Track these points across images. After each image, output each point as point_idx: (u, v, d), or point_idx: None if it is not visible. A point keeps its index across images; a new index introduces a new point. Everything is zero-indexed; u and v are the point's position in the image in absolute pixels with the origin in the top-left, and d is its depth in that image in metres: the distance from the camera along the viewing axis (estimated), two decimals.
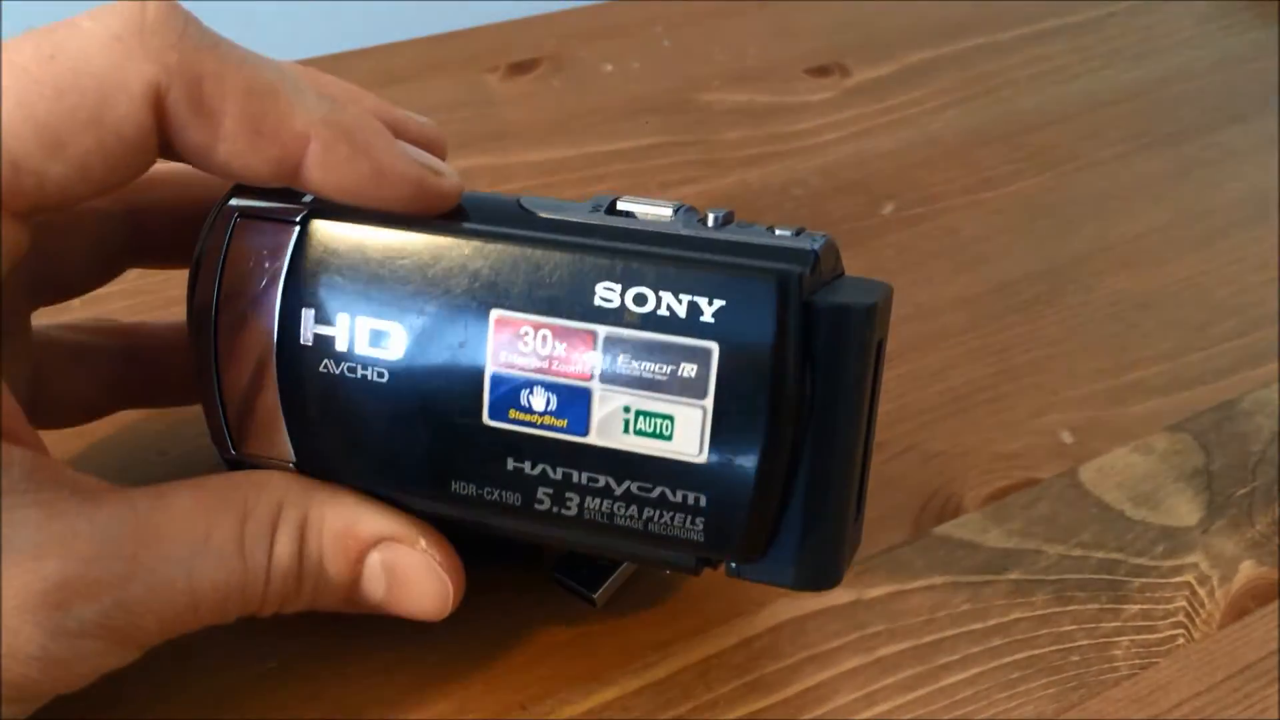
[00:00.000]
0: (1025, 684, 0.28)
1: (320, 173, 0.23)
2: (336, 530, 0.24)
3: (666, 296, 0.22)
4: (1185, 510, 0.32)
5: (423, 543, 0.25)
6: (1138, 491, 0.32)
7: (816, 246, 0.23)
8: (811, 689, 0.27)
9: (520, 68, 0.50)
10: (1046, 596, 0.30)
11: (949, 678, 0.28)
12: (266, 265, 0.24)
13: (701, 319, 0.22)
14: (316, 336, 0.24)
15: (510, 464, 0.24)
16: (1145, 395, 0.36)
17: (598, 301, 0.23)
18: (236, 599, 0.23)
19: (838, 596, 0.29)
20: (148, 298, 0.35)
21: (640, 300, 0.23)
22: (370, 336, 0.24)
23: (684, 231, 0.24)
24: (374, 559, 0.25)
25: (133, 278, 0.30)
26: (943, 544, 0.31)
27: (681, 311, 0.22)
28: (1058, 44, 0.53)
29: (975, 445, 0.34)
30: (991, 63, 0.51)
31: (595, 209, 0.24)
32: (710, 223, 0.24)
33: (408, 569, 0.25)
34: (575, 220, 0.24)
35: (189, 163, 0.23)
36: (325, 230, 0.24)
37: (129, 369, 0.29)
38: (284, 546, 0.24)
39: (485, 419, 0.24)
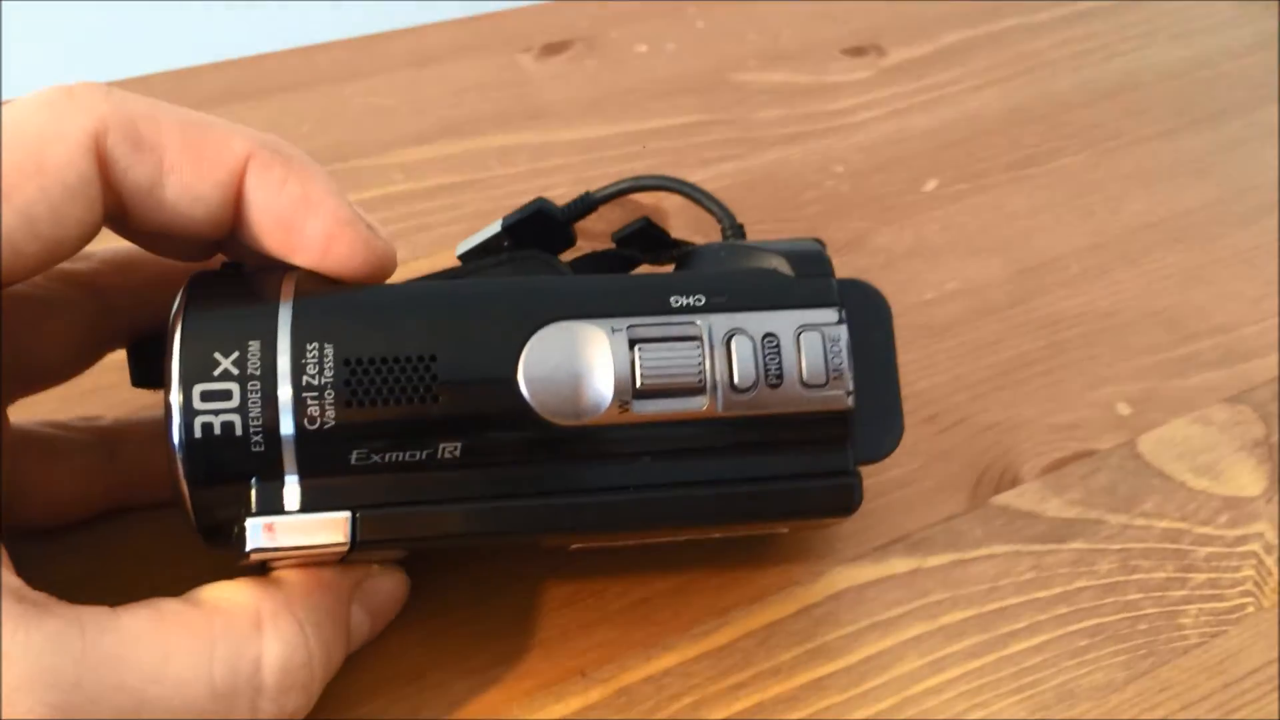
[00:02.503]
0: (1094, 651, 0.27)
1: (256, 194, 0.23)
2: (326, 610, 0.23)
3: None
4: (1248, 480, 0.31)
5: (375, 565, 0.25)
6: (1198, 462, 0.32)
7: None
8: (875, 656, 0.27)
9: (554, 49, 0.49)
10: (1111, 565, 0.29)
11: (1016, 645, 0.27)
12: None
13: None
14: None
15: None
16: (1201, 368, 0.35)
17: None
18: None
19: (897, 565, 0.29)
20: None
21: None
22: None
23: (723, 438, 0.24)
24: (355, 610, 0.24)
25: None
26: (1002, 514, 0.30)
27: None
28: (1094, 25, 0.52)
29: (1030, 417, 0.33)
30: (1028, 43, 0.51)
31: (622, 406, 0.23)
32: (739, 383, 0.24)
33: (382, 599, 0.25)
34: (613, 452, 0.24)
35: (139, 215, 0.23)
36: None
37: (108, 466, 0.28)
38: (278, 657, 0.22)
39: None
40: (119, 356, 0.33)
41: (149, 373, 0.25)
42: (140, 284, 0.26)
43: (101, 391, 0.32)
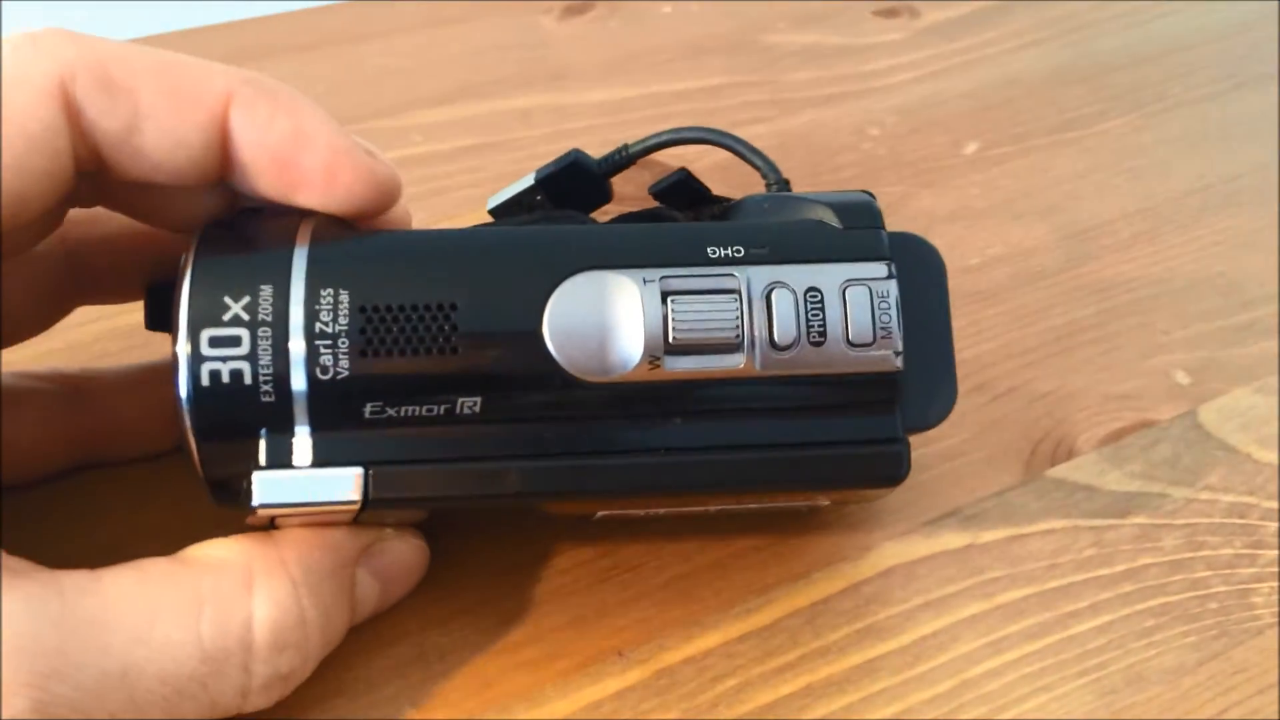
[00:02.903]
0: (1162, 632, 0.25)
1: (244, 133, 0.21)
2: (326, 571, 0.22)
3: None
4: None
5: (389, 529, 0.23)
6: (1264, 433, 0.30)
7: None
8: (930, 636, 0.25)
9: (575, 9, 0.47)
10: (1176, 541, 0.27)
11: (1078, 625, 0.25)
12: None
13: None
14: None
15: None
16: (1261, 336, 0.33)
17: None
18: (198, 697, 0.20)
19: (950, 540, 0.27)
20: None
21: None
22: None
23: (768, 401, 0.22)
24: (361, 575, 0.23)
25: None
26: (1058, 487, 0.29)
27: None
28: None
29: (1084, 386, 0.31)
30: (1066, 4, 0.49)
31: (653, 362, 0.22)
32: (778, 339, 0.22)
33: (394, 564, 0.24)
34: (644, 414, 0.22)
35: (117, 166, 0.21)
36: None
37: (76, 418, 0.26)
38: (269, 617, 0.21)
39: None
40: (125, 323, 0.31)
41: (164, 316, 0.24)
42: (109, 234, 0.25)
43: (110, 359, 0.31)
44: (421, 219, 0.34)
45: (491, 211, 0.28)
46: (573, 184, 0.27)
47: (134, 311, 0.27)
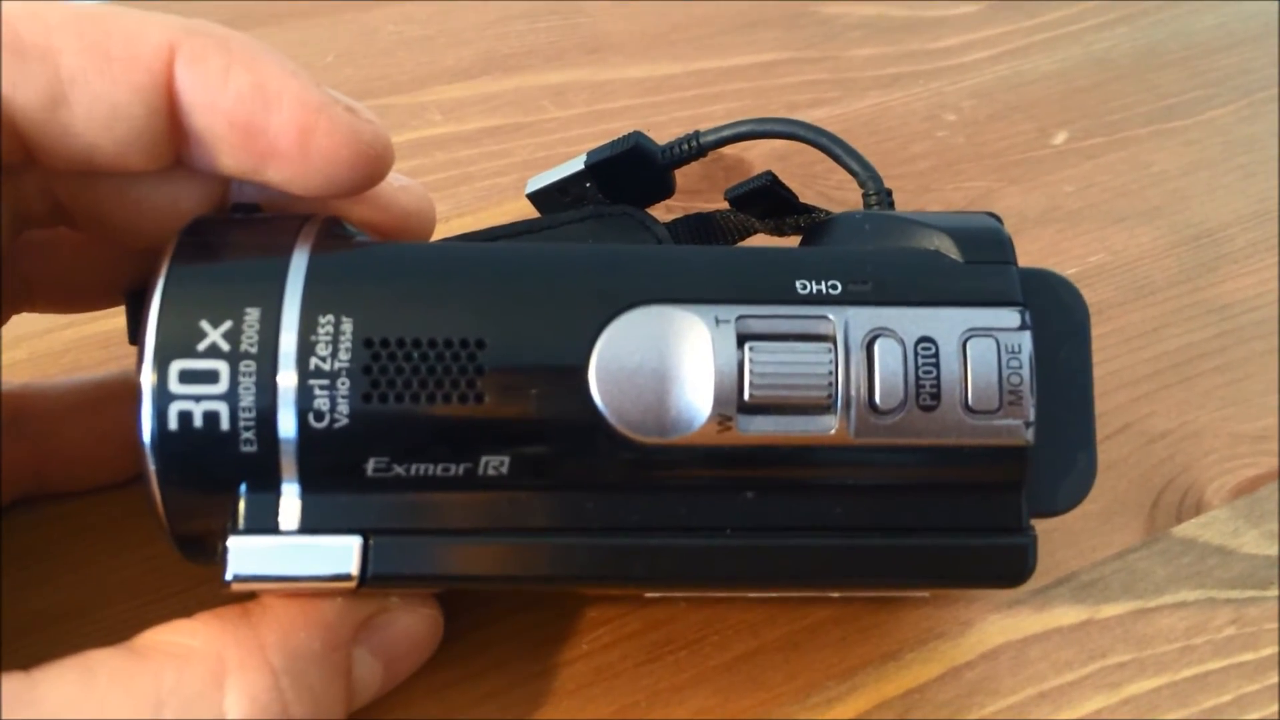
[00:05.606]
0: None
1: (195, 94, 0.17)
2: (315, 654, 0.18)
3: None
4: None
5: (394, 597, 0.20)
6: None
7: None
8: None
9: None
10: None
11: None
12: None
13: None
14: None
15: None
16: None
17: None
18: None
19: (1064, 615, 0.23)
20: None
21: None
22: None
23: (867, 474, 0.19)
24: (359, 654, 0.19)
25: None
26: (1187, 548, 0.24)
27: None
28: None
29: (1209, 423, 0.27)
30: None
31: (723, 422, 0.18)
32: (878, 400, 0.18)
33: (399, 640, 0.20)
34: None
35: (47, 149, 0.17)
36: None
37: (14, 444, 0.22)
38: (245, 717, 0.17)
39: None
40: (100, 330, 0.27)
41: None
42: (49, 236, 0.21)
43: (83, 373, 0.27)
44: (441, 211, 0.30)
45: (530, 196, 0.24)
46: (629, 173, 0.22)
47: (115, 315, 0.23)
